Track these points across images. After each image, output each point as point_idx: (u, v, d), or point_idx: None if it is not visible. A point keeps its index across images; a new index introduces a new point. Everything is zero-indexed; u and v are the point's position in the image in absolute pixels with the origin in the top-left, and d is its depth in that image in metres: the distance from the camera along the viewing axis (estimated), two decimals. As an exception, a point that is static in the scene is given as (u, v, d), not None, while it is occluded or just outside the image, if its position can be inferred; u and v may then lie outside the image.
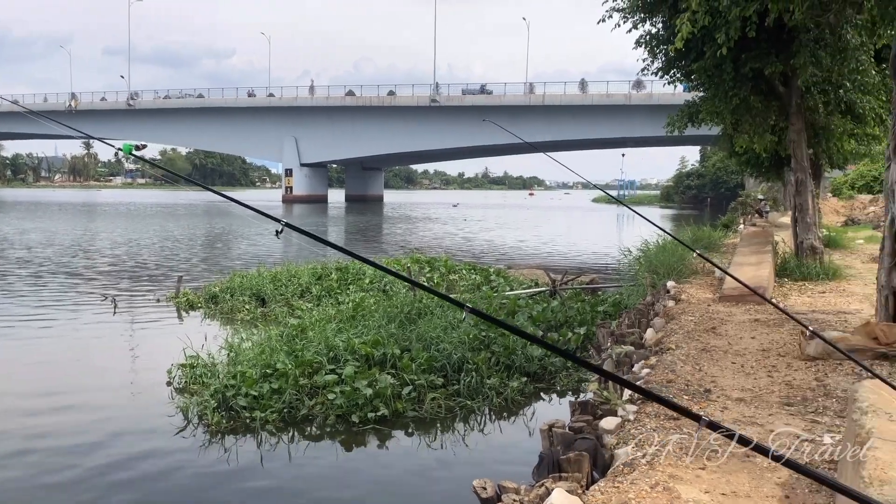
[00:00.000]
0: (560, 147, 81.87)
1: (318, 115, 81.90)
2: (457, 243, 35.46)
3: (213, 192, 3.06)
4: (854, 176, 43.33)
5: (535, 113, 72.50)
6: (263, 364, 9.33)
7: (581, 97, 72.25)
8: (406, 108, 78.03)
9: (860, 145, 17.44)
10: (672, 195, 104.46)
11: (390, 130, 78.88)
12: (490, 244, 35.62)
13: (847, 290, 12.01)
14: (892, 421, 3.51)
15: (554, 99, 72.42)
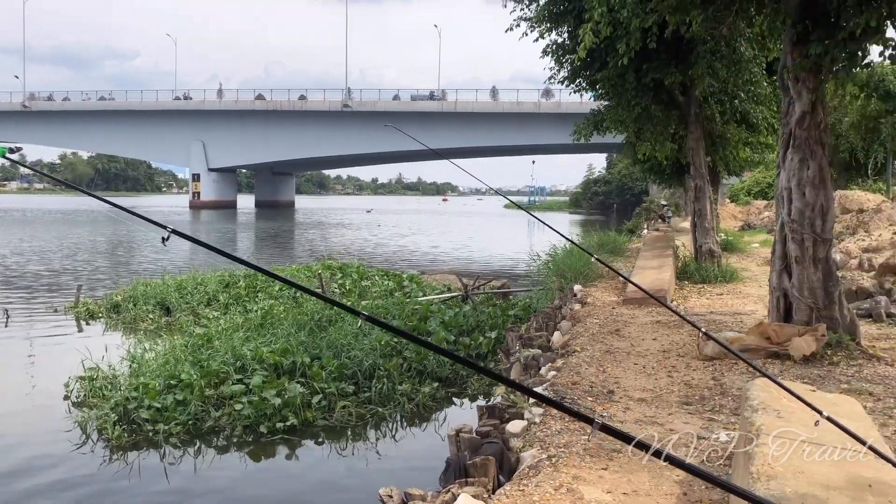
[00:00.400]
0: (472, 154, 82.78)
1: (226, 119, 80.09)
2: (370, 249, 35.30)
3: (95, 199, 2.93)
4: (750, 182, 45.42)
5: (447, 120, 73.00)
6: (167, 375, 9.04)
7: (492, 105, 73.24)
8: (318, 113, 77.23)
9: (754, 153, 18.32)
10: (580, 201, 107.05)
11: (301, 135, 77.86)
12: (404, 250, 35.62)
13: (743, 291, 12.55)
14: (780, 418, 3.67)
15: (466, 106, 73.12)
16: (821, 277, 7.58)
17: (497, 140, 73.50)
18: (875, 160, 33.66)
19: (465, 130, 72.64)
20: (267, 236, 45.07)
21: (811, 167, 7.57)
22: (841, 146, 33.46)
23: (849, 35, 6.84)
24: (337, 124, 76.45)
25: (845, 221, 20.87)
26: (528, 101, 71.47)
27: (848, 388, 6.21)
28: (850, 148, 33.33)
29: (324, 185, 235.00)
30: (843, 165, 35.55)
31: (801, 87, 7.52)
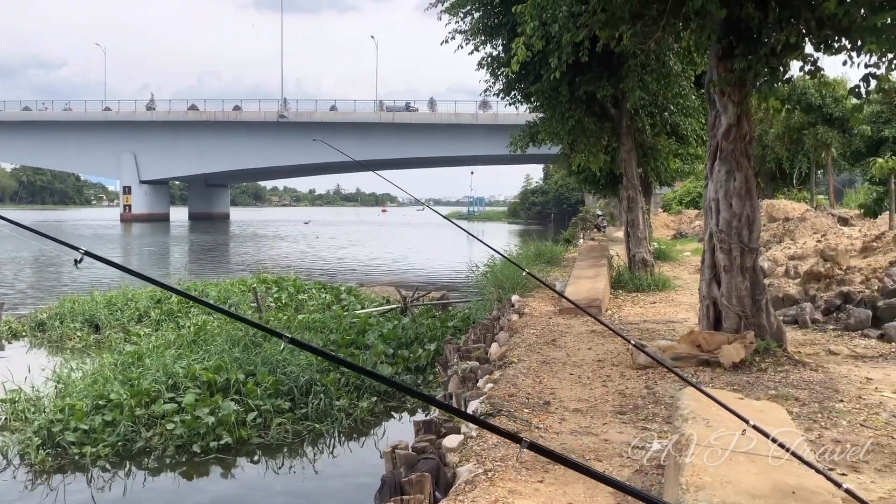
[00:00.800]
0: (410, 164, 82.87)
1: (158, 130, 78.27)
2: (308, 262, 34.92)
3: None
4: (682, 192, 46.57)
5: (385, 130, 72.87)
6: (95, 395, 8.77)
7: (430, 116, 73.45)
8: (253, 124, 76.16)
9: (685, 164, 18.78)
10: (519, 211, 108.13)
11: (236, 146, 76.59)
12: (342, 262, 35.35)
13: (675, 299, 12.82)
14: (709, 427, 3.74)
15: (404, 117, 73.15)
16: (748, 286, 7.79)
17: (435, 151, 73.70)
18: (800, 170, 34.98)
19: (403, 141, 72.63)
20: (201, 250, 44.17)
21: (737, 178, 7.79)
22: (767, 157, 34.67)
23: (770, 51, 7.07)
24: (273, 135, 75.51)
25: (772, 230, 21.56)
26: (466, 113, 71.89)
27: (775, 393, 6.38)
28: (776, 158, 34.57)
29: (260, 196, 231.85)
30: (770, 175, 36.84)
31: (727, 100, 7.74)
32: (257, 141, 75.97)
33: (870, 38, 6.26)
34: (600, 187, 25.01)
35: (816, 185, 35.77)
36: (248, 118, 76.50)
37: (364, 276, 27.32)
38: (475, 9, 13.07)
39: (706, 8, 6.95)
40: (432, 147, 73.22)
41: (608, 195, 29.67)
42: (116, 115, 79.89)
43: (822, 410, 5.92)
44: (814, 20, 6.77)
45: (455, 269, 30.51)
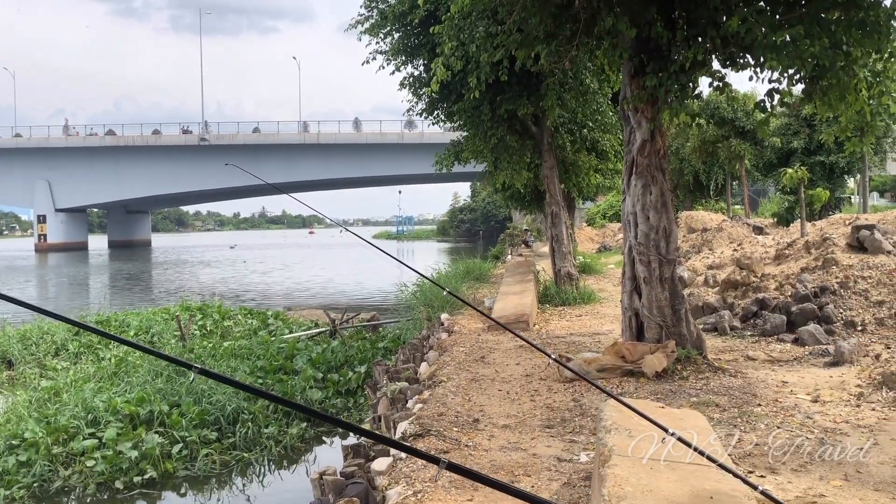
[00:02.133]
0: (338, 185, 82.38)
1: (74, 157, 75.76)
2: (235, 287, 34.25)
3: None
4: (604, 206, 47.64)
5: (310, 151, 72.32)
6: (9, 434, 8.44)
7: (355, 136, 73.23)
8: (174, 148, 74.49)
9: (605, 179, 19.25)
10: (448, 229, 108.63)
11: (157, 171, 74.72)
12: (269, 287, 34.79)
13: (601, 312, 13.06)
14: (631, 437, 3.81)
15: (329, 137, 72.71)
16: (668, 296, 8.00)
17: (362, 171, 73.48)
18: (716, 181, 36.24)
19: (329, 162, 72.20)
20: (122, 278, 42.84)
21: (653, 192, 8.01)
22: (685, 169, 35.82)
23: (679, 68, 7.32)
24: (195, 159, 74.00)
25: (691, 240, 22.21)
26: (392, 132, 71.96)
27: (697, 400, 6.55)
28: (693, 171, 35.74)
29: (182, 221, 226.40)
30: (688, 187, 38.06)
31: (641, 116, 7.97)
32: (178, 165, 74.33)
33: (770, 54, 6.54)
34: (526, 203, 25.39)
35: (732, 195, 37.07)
36: (168, 142, 74.83)
37: (292, 301, 26.95)
38: (395, 29, 13.15)
39: (617, 27, 7.17)
40: (359, 167, 72.99)
41: (534, 211, 30.10)
42: (28, 141, 77.06)
43: (742, 415, 6.10)
44: (719, 38, 7.04)
45: (384, 290, 30.40)
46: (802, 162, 27.63)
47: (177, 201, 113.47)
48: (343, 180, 76.76)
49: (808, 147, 31.64)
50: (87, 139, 76.45)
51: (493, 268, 23.57)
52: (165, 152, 74.69)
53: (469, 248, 56.50)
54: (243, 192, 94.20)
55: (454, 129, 15.80)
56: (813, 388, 6.94)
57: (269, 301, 26.51)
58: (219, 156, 72.43)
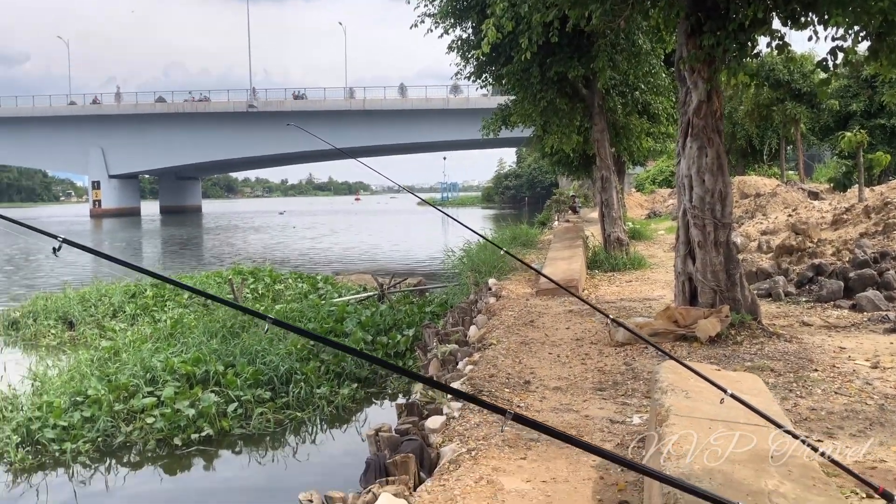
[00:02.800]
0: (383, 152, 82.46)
1: (126, 124, 77.18)
2: (284, 252, 34.73)
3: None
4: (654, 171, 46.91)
5: (356, 118, 72.42)
6: (73, 391, 8.68)
7: (401, 102, 73.02)
8: (222, 115, 75.29)
9: (657, 143, 18.90)
10: (493, 196, 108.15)
11: (206, 138, 75.74)
12: (318, 251, 35.19)
13: (651, 277, 12.94)
14: (688, 398, 3.79)
15: (374, 104, 72.68)
16: (722, 261, 7.88)
17: (407, 137, 73.38)
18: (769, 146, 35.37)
19: (374, 128, 72.23)
20: (174, 243, 43.74)
21: (709, 154, 7.86)
22: (738, 134, 35.01)
23: (738, 26, 7.13)
24: (243, 126, 74.75)
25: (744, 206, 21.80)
26: (437, 98, 71.61)
27: (751, 365, 6.47)
28: (747, 135, 34.91)
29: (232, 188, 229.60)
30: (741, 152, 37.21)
31: (697, 77, 7.79)
32: (227, 132, 75.18)
33: (836, 10, 6.32)
34: (574, 169, 25.10)
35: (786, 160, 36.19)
36: (216, 109, 75.61)
37: (340, 265, 27.23)
38: (444, -9, 13.02)
39: (674, -15, 6.99)
40: (404, 133, 72.88)
41: (582, 177, 29.78)
42: (82, 108, 78.61)
43: (798, 380, 6.02)
44: (780, -6, 6.83)
45: (431, 256, 30.52)
46: (862, 125, 26.78)
47: (226, 168, 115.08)
48: (388, 147, 76.77)
49: (868, 109, 30.62)
50: (137, 106, 77.67)
51: (539, 234, 23.47)
52: (214, 119, 75.56)
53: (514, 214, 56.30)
54: (291, 159, 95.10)
55: (502, 93, 15.65)
56: (872, 354, 6.80)
57: (319, 266, 26.82)
58: (266, 122, 73.07)
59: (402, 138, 73.38)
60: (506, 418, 1.97)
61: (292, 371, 9.40)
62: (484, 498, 3.95)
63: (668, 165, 44.54)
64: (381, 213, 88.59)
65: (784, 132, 31.81)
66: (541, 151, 21.12)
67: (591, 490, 4.08)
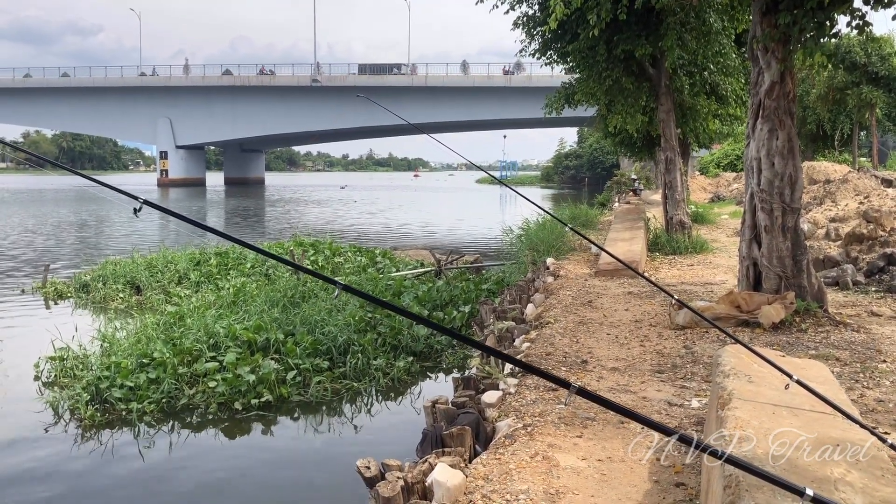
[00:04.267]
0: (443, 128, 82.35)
1: (193, 96, 78.77)
2: (345, 225, 35.12)
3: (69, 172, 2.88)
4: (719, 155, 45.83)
5: (417, 94, 72.43)
6: (139, 354, 8.96)
7: (463, 78, 72.74)
8: (286, 88, 76.19)
9: (724, 125, 18.45)
10: (552, 175, 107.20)
11: (270, 111, 76.82)
12: (378, 226, 35.48)
13: (713, 262, 12.70)
14: (751, 382, 3.73)
15: (436, 80, 72.55)
16: (789, 246, 7.69)
17: (467, 114, 73.14)
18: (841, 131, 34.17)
19: (435, 105, 72.15)
20: (238, 214, 44.63)
21: (780, 137, 7.65)
22: (808, 118, 33.90)
23: (817, 4, 6.88)
24: (306, 100, 75.54)
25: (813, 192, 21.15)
26: (499, 75, 71.14)
27: (816, 353, 6.32)
28: (817, 119, 33.78)
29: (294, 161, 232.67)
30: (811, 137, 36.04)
31: (771, 57, 7.56)
32: (291, 106, 76.09)
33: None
34: (636, 150, 24.69)
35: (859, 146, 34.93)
36: (281, 83, 76.52)
37: (398, 240, 27.42)
38: (512, -34, 12.89)
39: (751, -39, 6.78)
40: (465, 110, 72.64)
41: (644, 158, 29.28)
42: (152, 80, 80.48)
43: (865, 370, 5.86)
44: (863, -29, 6.57)
45: (487, 233, 30.49)
46: (942, 111, 25.66)
47: (288, 141, 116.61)
48: (449, 123, 76.61)
49: (950, 95, 29.31)
50: (205, 78, 79.11)
51: (599, 214, 23.22)
52: (279, 92, 76.50)
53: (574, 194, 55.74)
54: (352, 134, 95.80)
55: (567, 72, 15.45)
56: (944, 347, 6.57)
57: (377, 240, 27.06)
58: (330, 97, 73.70)
59: (462, 115, 73.16)
60: (570, 391, 1.97)
61: (350, 342, 9.54)
62: (539, 473, 3.97)
63: (733, 148, 43.45)
64: (440, 190, 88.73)
65: (858, 117, 30.68)
66: (604, 131, 20.82)
67: (647, 471, 4.07)
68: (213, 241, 18.91)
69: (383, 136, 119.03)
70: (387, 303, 2.25)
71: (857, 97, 28.66)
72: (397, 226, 35.54)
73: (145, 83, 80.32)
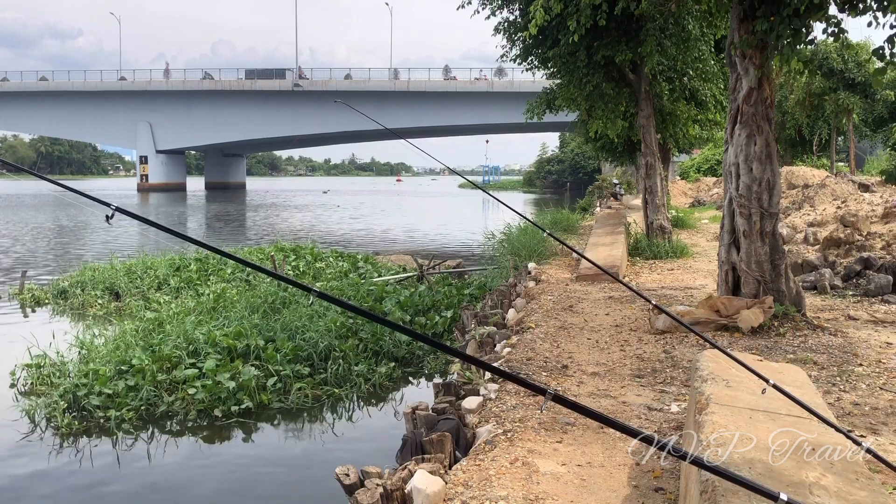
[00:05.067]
0: (426, 133, 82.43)
1: (174, 100, 78.29)
2: (325, 230, 35.01)
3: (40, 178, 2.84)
4: (699, 160, 46.19)
5: (400, 99, 72.45)
6: (118, 360, 8.90)
7: (445, 84, 72.81)
8: (268, 93, 75.91)
9: (703, 130, 18.56)
10: (534, 180, 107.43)
11: (251, 116, 76.51)
12: (359, 231, 35.40)
13: (693, 266, 12.78)
14: (728, 387, 3.75)
15: (418, 85, 72.57)
16: (767, 251, 7.75)
17: (450, 119, 73.23)
18: (819, 136, 34.54)
19: (418, 110, 72.20)
20: (218, 219, 44.38)
21: (758, 142, 7.71)
22: (787, 123, 34.24)
23: (793, 12, 6.96)
24: (288, 104, 75.30)
25: (791, 196, 21.37)
26: (481, 80, 71.28)
27: (794, 357, 6.37)
28: (796, 125, 34.13)
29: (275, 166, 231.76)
30: (790, 142, 36.42)
31: (748, 63, 7.64)
32: (273, 110, 75.84)
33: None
34: (617, 155, 24.77)
35: (837, 151, 35.33)
36: (263, 87, 76.25)
37: (381, 245, 27.38)
38: (492, -28, 12.93)
39: (728, -32, 6.84)
40: (447, 115, 72.73)
41: (625, 163, 29.40)
42: (132, 84, 79.83)
43: (841, 374, 5.91)
44: (839, -21, 6.65)
45: (470, 238, 30.51)
46: (918, 117, 25.99)
47: (270, 146, 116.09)
48: (431, 128, 76.74)
49: (925, 101, 29.71)
50: (185, 83, 78.60)
51: (581, 219, 23.30)
52: (261, 97, 76.21)
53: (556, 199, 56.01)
54: (335, 138, 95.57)
55: (548, 77, 15.51)
56: (920, 350, 6.64)
57: (359, 245, 26.99)
58: (312, 101, 73.52)
59: (445, 120, 73.26)
60: (546, 398, 1.98)
61: (331, 348, 9.52)
62: (519, 479, 3.97)
63: (713, 153, 43.78)
64: (422, 195, 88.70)
65: (836, 122, 31.03)
66: (585, 136, 20.87)
67: (626, 476, 4.08)
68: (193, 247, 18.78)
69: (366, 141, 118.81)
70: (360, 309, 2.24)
71: (834, 103, 28.98)
72: (380, 230, 35.49)
73: (125, 87, 79.67)
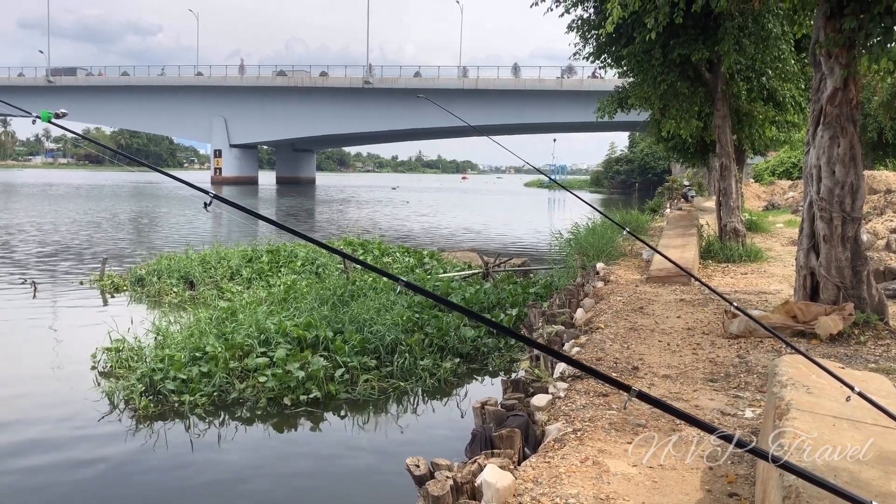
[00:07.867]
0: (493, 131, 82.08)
1: (248, 95, 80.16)
2: (390, 226, 35.31)
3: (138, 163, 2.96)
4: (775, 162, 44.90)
5: (468, 97, 72.51)
6: (192, 347, 9.15)
7: (514, 82, 72.61)
8: (339, 90, 77.04)
9: (781, 132, 18.03)
10: (602, 180, 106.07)
11: (322, 112, 77.78)
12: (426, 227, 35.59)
13: (767, 271, 12.44)
14: (809, 393, 3.65)
15: (487, 83, 72.55)
16: (849, 256, 7.50)
17: (518, 118, 72.98)
18: (904, 140, 33.13)
19: (486, 108, 72.15)
20: (289, 213, 45.21)
21: (842, 144, 7.47)
22: (869, 125, 32.95)
23: (885, 9, 6.70)
24: (358, 101, 76.26)
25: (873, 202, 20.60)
26: (550, 79, 70.83)
27: (876, 367, 6.15)
28: (879, 127, 32.81)
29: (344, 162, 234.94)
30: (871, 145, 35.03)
31: (834, 62, 7.39)
32: (343, 107, 76.90)
33: None
34: (689, 156, 24.23)
35: (922, 156, 33.85)
36: (334, 84, 77.41)
37: (446, 242, 27.47)
38: (567, -31, 12.84)
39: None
40: (515, 113, 72.51)
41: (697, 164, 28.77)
42: (208, 79, 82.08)
43: (927, 386, 5.68)
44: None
45: (535, 237, 30.35)
46: None
47: (340, 142, 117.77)
48: (499, 126, 76.56)
49: None
50: (259, 79, 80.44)
51: (650, 220, 22.93)
52: (331, 94, 77.39)
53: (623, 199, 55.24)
54: (402, 136, 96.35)
55: (621, 75, 15.31)
56: None
57: (425, 241, 27.13)
58: (381, 98, 74.29)
59: (513, 118, 73.03)
60: (630, 395, 1.96)
61: (397, 342, 9.60)
62: (589, 478, 3.94)
63: (789, 156, 42.51)
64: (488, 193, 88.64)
65: (923, 125, 29.72)
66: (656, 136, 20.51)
67: (699, 480, 4.00)
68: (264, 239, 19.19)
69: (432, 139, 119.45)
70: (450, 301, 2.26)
71: (921, 105, 27.77)
72: (445, 227, 35.60)
73: (201, 83, 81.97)
